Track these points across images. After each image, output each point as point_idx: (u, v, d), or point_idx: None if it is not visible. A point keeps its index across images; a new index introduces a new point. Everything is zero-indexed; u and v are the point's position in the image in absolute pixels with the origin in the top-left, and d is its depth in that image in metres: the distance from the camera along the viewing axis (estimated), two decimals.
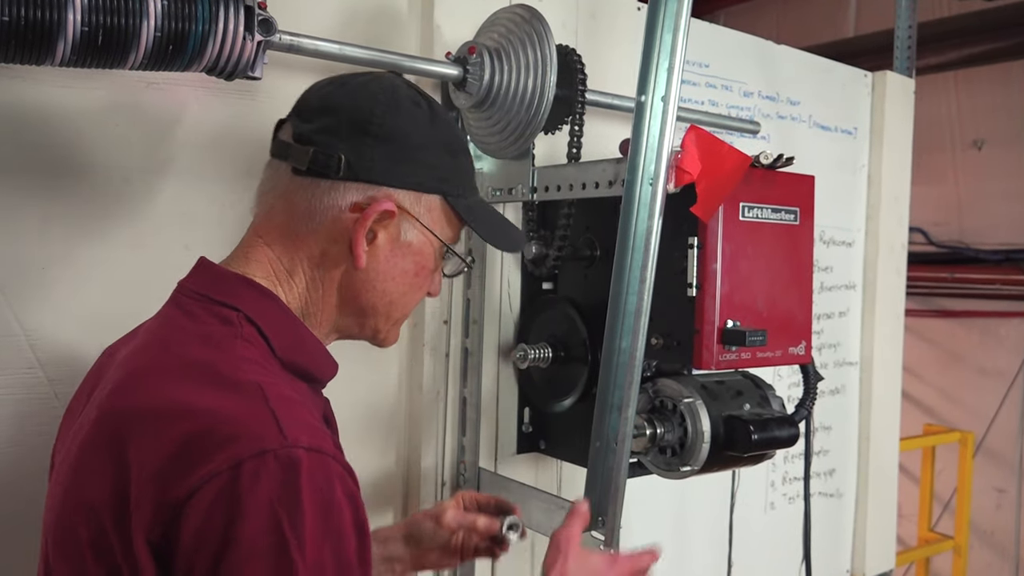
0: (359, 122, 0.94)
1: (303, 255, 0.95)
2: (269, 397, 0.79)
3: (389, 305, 1.00)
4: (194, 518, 0.73)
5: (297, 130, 0.95)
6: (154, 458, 0.76)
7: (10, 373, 1.18)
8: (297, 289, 0.96)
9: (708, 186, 1.21)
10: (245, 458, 0.73)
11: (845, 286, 2.40)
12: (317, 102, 0.97)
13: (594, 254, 1.48)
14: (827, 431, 2.37)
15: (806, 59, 2.28)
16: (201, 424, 0.76)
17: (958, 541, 3.57)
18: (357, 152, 0.93)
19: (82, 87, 1.21)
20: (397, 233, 0.96)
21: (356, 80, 0.99)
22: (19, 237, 1.17)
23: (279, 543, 0.73)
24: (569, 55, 1.44)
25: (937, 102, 4.87)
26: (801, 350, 1.37)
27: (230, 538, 0.72)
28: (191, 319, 0.90)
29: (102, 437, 0.81)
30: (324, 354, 0.97)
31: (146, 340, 0.91)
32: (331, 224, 0.93)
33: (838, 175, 2.35)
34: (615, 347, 1.23)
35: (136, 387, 0.84)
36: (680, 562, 2.02)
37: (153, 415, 0.79)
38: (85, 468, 0.82)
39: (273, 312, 0.92)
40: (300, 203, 0.94)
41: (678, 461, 1.32)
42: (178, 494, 0.73)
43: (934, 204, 4.88)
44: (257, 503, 0.73)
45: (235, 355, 0.85)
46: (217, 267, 0.96)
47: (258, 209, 0.98)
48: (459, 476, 1.59)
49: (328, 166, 0.92)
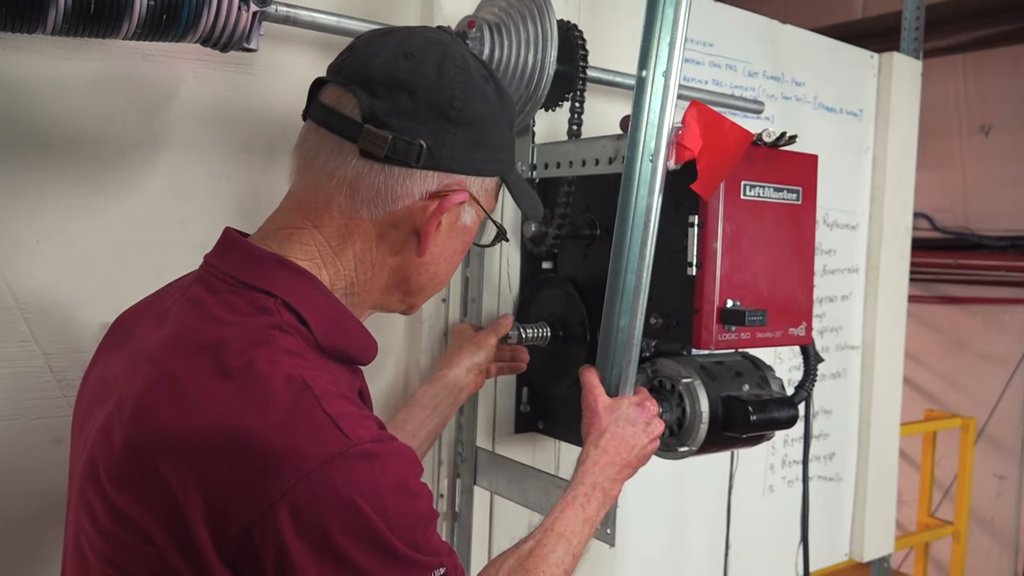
0: (439, 106, 0.88)
1: (358, 238, 0.91)
2: (319, 396, 0.78)
3: (435, 284, 1.00)
4: (276, 535, 0.73)
5: (368, 108, 0.87)
6: (217, 479, 0.74)
7: (5, 346, 1.17)
8: (344, 270, 0.92)
9: (709, 163, 1.20)
10: (315, 467, 0.73)
11: (848, 269, 2.38)
12: (387, 76, 0.88)
13: (594, 233, 1.47)
14: (828, 415, 2.36)
15: (812, 39, 2.26)
16: (257, 440, 0.74)
17: (958, 527, 3.56)
18: (438, 139, 0.88)
19: (77, 58, 1.19)
20: (457, 217, 0.95)
21: (420, 48, 0.90)
22: (13, 210, 1.16)
23: (374, 534, 0.75)
24: (570, 30, 1.43)
25: (944, 86, 4.83)
26: (801, 331, 1.36)
27: (325, 541, 0.73)
28: (226, 308, 0.85)
29: (142, 459, 0.78)
30: (365, 337, 0.94)
31: (177, 334, 0.85)
32: (399, 211, 0.90)
33: (842, 157, 2.33)
34: (613, 326, 1.22)
35: (173, 397, 0.79)
36: (677, 543, 2.02)
37: (204, 434, 0.76)
38: (129, 489, 0.78)
39: (312, 296, 0.88)
40: (366, 187, 0.88)
41: (676, 441, 1.31)
42: (251, 515, 0.73)
43: (939, 189, 4.85)
44: (340, 503, 0.74)
45: (276, 348, 0.81)
46: (249, 245, 0.90)
47: (305, 184, 0.91)
48: (457, 455, 1.59)
49: (408, 154, 0.87)
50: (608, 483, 1.14)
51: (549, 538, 1.05)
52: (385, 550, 0.76)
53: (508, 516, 1.63)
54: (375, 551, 0.76)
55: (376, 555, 0.76)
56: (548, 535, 1.06)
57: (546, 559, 1.03)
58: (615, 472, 1.15)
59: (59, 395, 1.20)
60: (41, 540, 1.20)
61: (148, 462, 0.77)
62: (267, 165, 1.35)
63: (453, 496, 1.60)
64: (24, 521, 1.20)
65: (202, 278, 0.90)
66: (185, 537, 0.74)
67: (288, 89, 1.36)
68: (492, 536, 1.64)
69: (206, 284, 0.89)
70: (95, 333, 1.22)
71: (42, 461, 1.19)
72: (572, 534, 1.07)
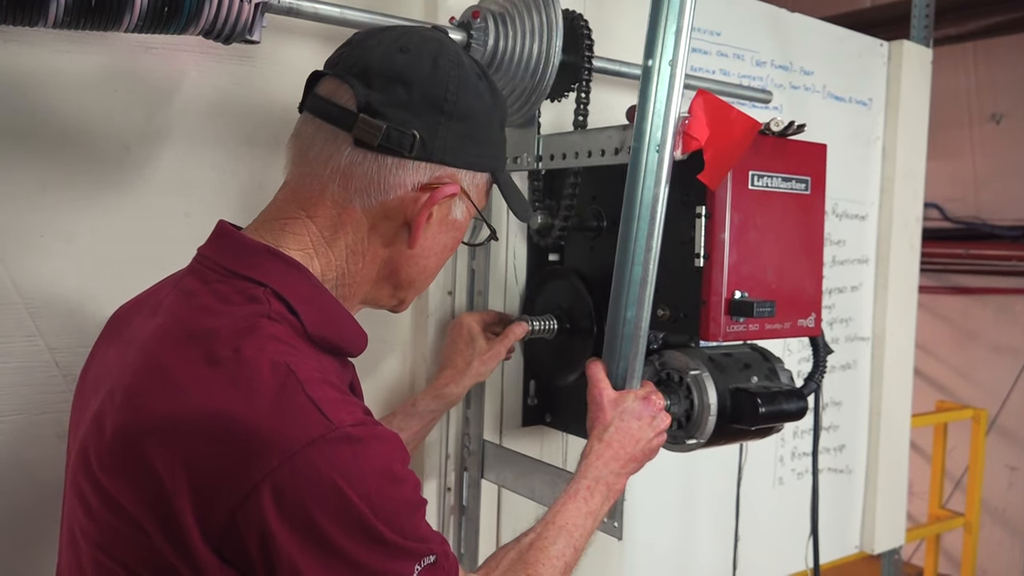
0: (433, 99, 0.90)
1: (351, 228, 0.92)
2: (303, 381, 0.78)
3: (425, 279, 1.00)
4: (260, 518, 0.73)
5: (364, 99, 0.89)
6: (202, 464, 0.75)
7: (9, 341, 1.17)
8: (335, 261, 0.92)
9: (716, 153, 1.18)
10: (297, 450, 0.74)
11: (858, 260, 2.36)
12: (383, 68, 0.90)
13: (601, 225, 1.46)
14: (837, 406, 2.35)
15: (821, 27, 2.24)
16: (241, 424, 0.75)
17: (969, 519, 3.55)
18: (431, 131, 0.90)
19: (80, 51, 1.19)
20: (448, 211, 0.96)
21: (416, 43, 0.93)
22: (17, 204, 1.16)
23: (357, 517, 0.75)
24: (576, 20, 1.41)
25: (955, 74, 4.79)
26: (810, 322, 1.35)
27: (308, 524, 0.73)
28: (216, 298, 0.86)
29: (132, 446, 0.78)
30: (355, 328, 0.94)
31: (168, 324, 0.86)
32: (391, 201, 0.91)
33: (852, 147, 2.31)
34: (620, 317, 1.21)
35: (163, 385, 0.80)
36: (686, 536, 2.01)
37: (191, 419, 0.76)
38: (120, 476, 0.79)
39: (303, 286, 0.89)
40: (359, 176, 0.90)
41: (684, 434, 1.30)
42: (234, 499, 0.73)
43: (950, 179, 4.81)
44: (322, 485, 0.74)
45: (263, 335, 0.82)
46: (240, 236, 0.92)
47: (300, 174, 0.93)
48: (463, 448, 1.58)
49: (401, 144, 0.89)
50: (612, 477, 1.14)
51: (550, 531, 1.05)
52: (369, 535, 0.76)
53: (516, 509, 1.63)
54: (359, 535, 0.75)
55: (360, 539, 0.75)
56: (549, 528, 1.05)
57: (546, 551, 1.02)
58: (619, 466, 1.14)
59: (64, 389, 1.20)
60: (45, 533, 1.20)
61: (137, 449, 0.77)
62: (270, 158, 1.34)
63: (460, 490, 1.59)
64: (29, 514, 1.20)
65: (195, 270, 0.92)
66: (172, 523, 0.74)
67: (291, 81, 1.35)
68: (500, 529, 1.64)
69: (198, 275, 0.90)
70: (100, 327, 1.21)
71: (47, 455, 1.19)
72: (574, 527, 1.07)
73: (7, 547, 1.19)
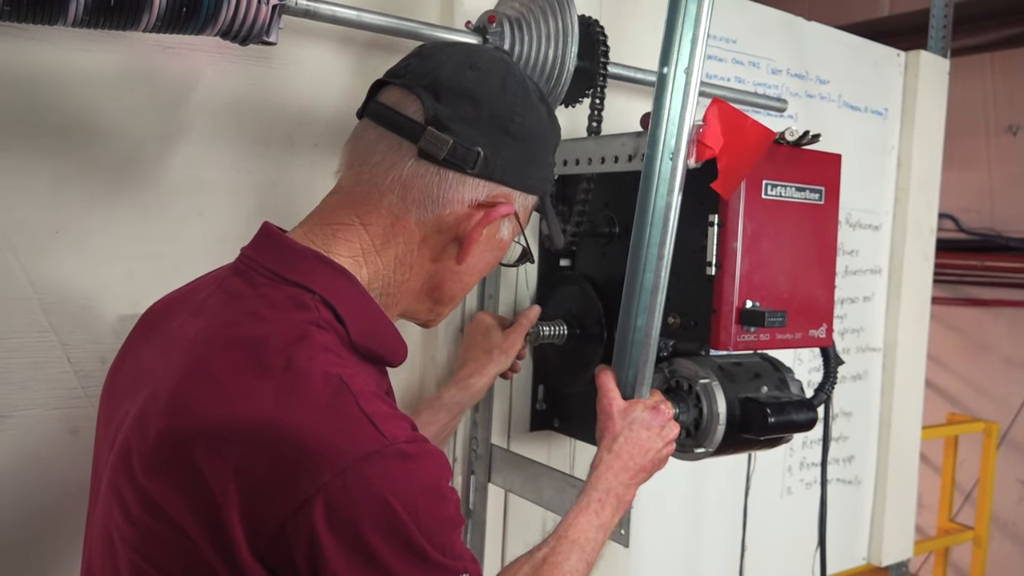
0: (500, 118, 0.91)
1: (401, 239, 0.92)
2: (356, 393, 0.78)
3: (461, 295, 1.01)
4: (310, 530, 0.73)
5: (432, 111, 0.89)
6: (253, 472, 0.74)
7: (23, 336, 1.17)
8: (383, 270, 0.93)
9: (730, 162, 1.18)
10: (350, 463, 0.74)
11: (870, 270, 2.35)
12: (453, 84, 0.91)
13: (613, 231, 1.46)
14: (848, 417, 2.34)
15: (837, 36, 2.23)
16: (294, 435, 0.75)
17: (978, 532, 3.52)
18: (494, 149, 0.91)
19: (98, 50, 1.20)
20: (497, 230, 0.97)
21: (486, 62, 0.94)
22: (32, 200, 1.17)
23: (405, 534, 0.75)
24: (591, 26, 1.41)
25: (972, 85, 4.76)
26: (822, 333, 1.34)
27: (356, 538, 0.74)
28: (264, 303, 0.85)
29: (177, 450, 0.78)
30: (397, 339, 0.94)
31: (215, 327, 0.85)
32: (447, 216, 0.91)
33: (866, 156, 2.30)
34: (630, 325, 1.21)
35: (211, 391, 0.79)
36: (693, 545, 2.01)
37: (241, 427, 0.76)
38: (164, 478, 0.78)
39: (350, 294, 0.88)
40: (419, 188, 0.90)
41: (693, 443, 1.30)
42: (284, 510, 0.73)
43: (965, 190, 4.78)
44: (373, 501, 0.74)
45: (314, 344, 0.81)
46: (289, 240, 0.91)
47: (356, 180, 0.92)
48: (471, 452, 1.58)
49: (465, 160, 0.90)
50: (622, 488, 1.13)
51: (563, 545, 1.04)
52: (414, 551, 0.76)
53: (522, 514, 1.63)
54: (404, 551, 0.76)
55: (405, 556, 0.76)
56: (562, 542, 1.05)
57: (560, 567, 1.02)
58: (629, 477, 1.14)
59: (76, 385, 1.21)
60: (58, 529, 1.21)
61: (184, 452, 0.77)
62: (286, 158, 1.35)
63: (467, 494, 1.59)
64: (41, 509, 1.21)
65: (239, 270, 0.91)
66: (218, 529, 0.74)
67: (307, 82, 1.35)
68: (506, 534, 1.63)
69: (244, 277, 0.89)
70: (113, 324, 1.23)
71: (59, 451, 1.20)
72: (586, 541, 1.06)
73: (22, 541, 1.19)
